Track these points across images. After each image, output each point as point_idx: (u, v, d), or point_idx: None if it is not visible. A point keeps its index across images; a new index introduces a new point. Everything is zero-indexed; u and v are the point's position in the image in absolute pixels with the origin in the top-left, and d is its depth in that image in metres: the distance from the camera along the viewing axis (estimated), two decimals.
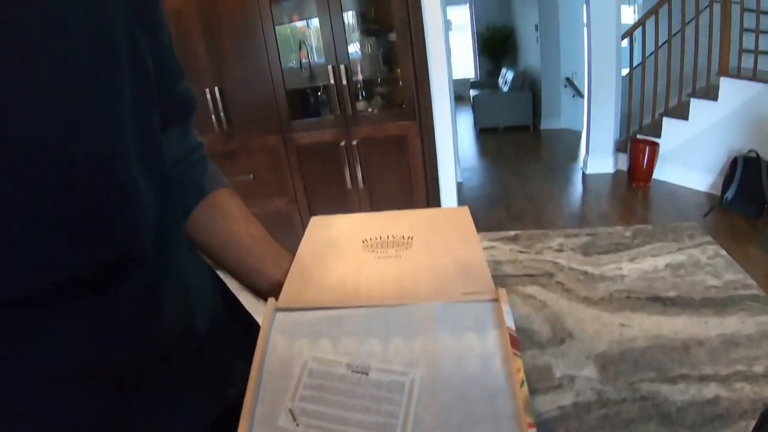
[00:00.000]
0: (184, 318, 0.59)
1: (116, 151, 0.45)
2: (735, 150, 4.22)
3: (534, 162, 5.98)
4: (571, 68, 7.45)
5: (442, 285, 0.59)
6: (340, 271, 0.64)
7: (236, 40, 2.93)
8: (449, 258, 0.64)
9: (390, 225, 0.73)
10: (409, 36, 2.84)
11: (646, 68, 4.91)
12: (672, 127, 4.67)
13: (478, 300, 0.54)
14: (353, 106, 3.02)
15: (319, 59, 3.23)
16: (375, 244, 0.69)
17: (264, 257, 0.70)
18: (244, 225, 0.72)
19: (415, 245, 0.67)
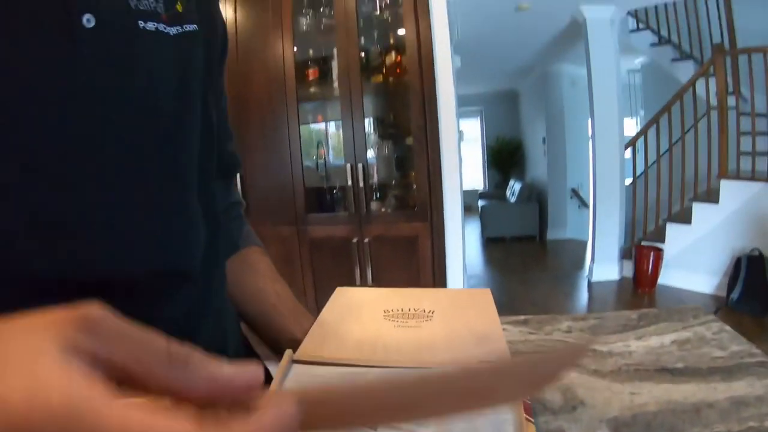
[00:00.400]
0: (218, 350, 0.63)
1: (186, 172, 0.54)
2: (738, 250, 4.29)
3: (540, 271, 6.03)
4: (577, 180, 7.67)
5: (459, 353, 0.60)
6: (359, 333, 0.66)
7: (262, 132, 3.11)
8: (467, 330, 0.67)
9: (412, 299, 0.76)
10: (425, 141, 2.99)
11: (649, 177, 5.07)
12: (675, 232, 4.77)
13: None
14: (368, 206, 3.12)
15: (335, 160, 3.39)
16: (396, 314, 0.71)
17: (287, 314, 0.75)
18: (270, 282, 0.77)
19: (435, 318, 0.69)
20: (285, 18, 3.10)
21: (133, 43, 0.49)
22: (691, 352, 0.83)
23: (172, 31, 0.53)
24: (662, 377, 0.76)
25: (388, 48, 3.24)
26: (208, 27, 0.62)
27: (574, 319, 1.06)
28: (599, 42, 4.98)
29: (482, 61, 7.46)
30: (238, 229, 0.81)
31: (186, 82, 0.55)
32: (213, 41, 0.64)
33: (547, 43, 6.41)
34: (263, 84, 3.13)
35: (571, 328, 1.01)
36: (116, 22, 0.47)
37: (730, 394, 0.70)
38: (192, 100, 0.57)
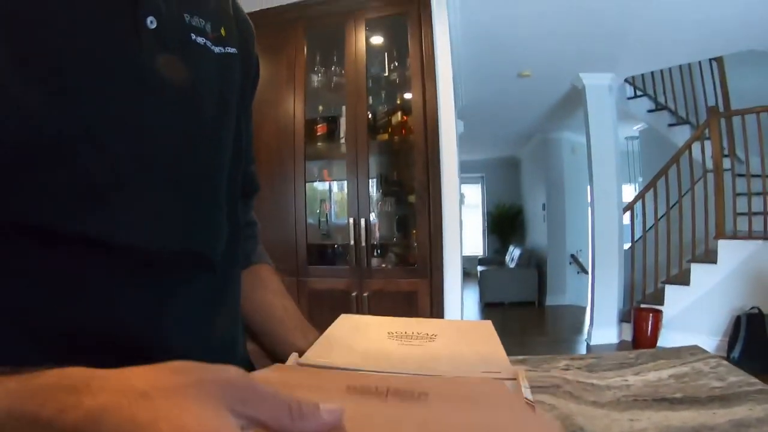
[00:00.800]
0: (231, 344, 0.66)
1: (218, 173, 0.61)
2: (737, 309, 4.29)
3: (538, 335, 5.99)
4: (576, 245, 7.70)
5: (462, 366, 0.61)
6: (365, 345, 0.67)
7: (269, 182, 3.16)
8: (470, 350, 0.68)
9: (415, 325, 0.76)
10: (428, 198, 3.04)
11: (647, 240, 5.11)
12: (674, 294, 4.76)
13: (497, 378, 0.57)
14: (368, 261, 3.14)
15: (338, 220, 3.45)
16: (400, 335, 0.72)
17: (293, 328, 0.77)
18: (279, 297, 0.80)
19: (438, 340, 0.70)
20: (298, 74, 3.22)
21: (185, 49, 0.57)
22: (689, 384, 0.84)
23: (216, 49, 0.61)
24: (661, 406, 0.77)
25: (395, 108, 3.34)
26: (245, 56, 0.70)
27: (572, 358, 1.06)
28: (598, 108, 5.12)
29: (484, 127, 7.63)
30: (252, 247, 0.84)
31: (225, 95, 0.63)
32: (248, 69, 0.72)
33: (548, 110, 6.58)
34: (273, 135, 3.21)
35: (568, 366, 1.02)
36: (173, 29, 0.55)
37: (730, 418, 0.70)
38: (229, 111, 0.64)
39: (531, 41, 4.25)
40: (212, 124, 0.60)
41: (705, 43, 4.36)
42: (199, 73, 0.58)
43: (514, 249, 9.54)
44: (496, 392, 0.53)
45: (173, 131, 0.55)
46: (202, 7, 0.60)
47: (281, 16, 3.25)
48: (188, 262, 0.57)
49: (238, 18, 0.71)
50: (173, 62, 0.55)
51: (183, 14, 0.57)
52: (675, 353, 0.99)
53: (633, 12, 3.67)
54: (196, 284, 0.59)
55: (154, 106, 0.52)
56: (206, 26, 0.60)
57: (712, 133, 4.67)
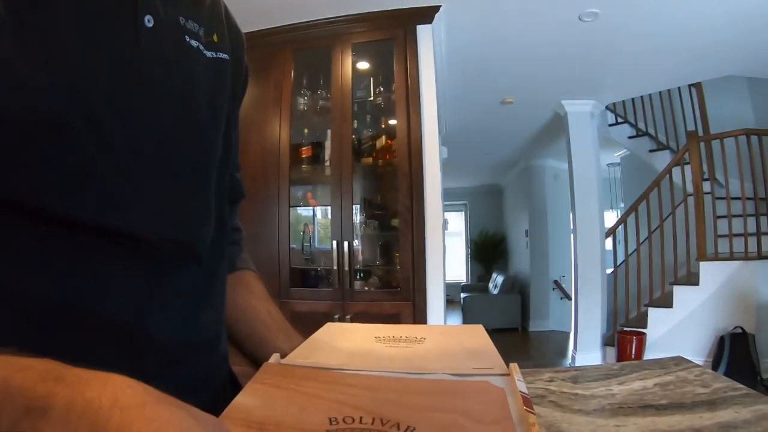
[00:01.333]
0: (215, 340, 0.66)
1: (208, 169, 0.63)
2: (721, 329, 4.32)
3: (522, 360, 5.94)
4: (559, 271, 7.74)
5: (452, 363, 0.59)
6: (351, 347, 0.66)
7: (253, 203, 3.15)
8: (460, 348, 0.66)
9: (404, 330, 0.75)
10: (411, 221, 3.05)
11: (630, 264, 5.15)
12: (657, 317, 4.78)
13: (490, 374, 0.55)
14: (351, 283, 3.13)
15: (321, 245, 3.45)
16: (387, 339, 0.70)
17: (277, 332, 0.76)
18: (263, 301, 0.80)
19: (426, 342, 0.69)
20: (285, 96, 3.25)
21: (180, 50, 0.59)
22: (675, 391, 0.84)
23: (208, 54, 0.64)
24: (646, 412, 0.77)
25: (380, 132, 3.37)
26: (236, 62, 0.72)
27: (556, 371, 1.06)
28: (580, 135, 5.19)
29: (468, 154, 7.69)
30: (237, 253, 0.85)
31: (216, 96, 0.65)
32: (238, 75, 0.74)
33: (531, 136, 6.66)
34: (258, 157, 3.22)
35: (553, 378, 1.02)
36: (169, 30, 0.57)
37: (717, 421, 0.71)
38: (219, 113, 0.66)
39: (514, 68, 4.31)
40: (204, 123, 0.62)
41: (684, 69, 4.46)
42: (192, 73, 0.60)
43: (497, 275, 9.56)
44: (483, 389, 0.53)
45: (168, 125, 0.56)
46: (197, 12, 0.62)
47: (269, 38, 3.28)
48: (177, 252, 0.58)
49: (230, 25, 0.73)
50: (169, 61, 0.56)
51: (179, 17, 0.59)
52: (659, 363, 1.00)
53: (613, 40, 3.75)
54: (184, 275, 0.60)
55: (152, 99, 0.54)
56: (200, 31, 0.62)
57: (692, 158, 4.76)
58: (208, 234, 0.63)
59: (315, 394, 0.49)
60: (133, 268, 0.53)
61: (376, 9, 3.18)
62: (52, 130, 0.45)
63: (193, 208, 0.61)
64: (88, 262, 0.49)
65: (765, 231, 4.55)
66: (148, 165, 0.53)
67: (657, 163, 5.81)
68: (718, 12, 3.34)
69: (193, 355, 0.61)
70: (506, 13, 3.34)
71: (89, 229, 0.48)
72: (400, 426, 0.43)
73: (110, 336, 0.51)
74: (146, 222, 0.53)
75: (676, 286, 4.73)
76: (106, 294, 0.50)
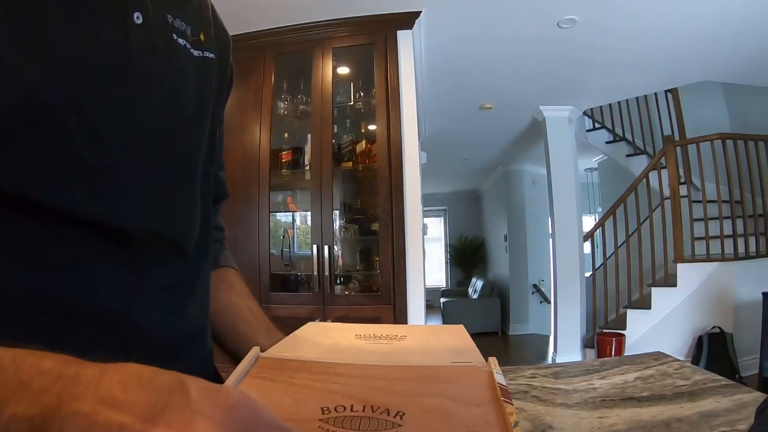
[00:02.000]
0: (200, 335, 0.66)
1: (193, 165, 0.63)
2: (699, 329, 4.39)
3: (503, 363, 5.84)
4: (538, 275, 7.80)
5: (432, 358, 0.60)
6: (330, 344, 0.65)
7: (233, 208, 3.13)
8: (441, 345, 0.66)
9: (385, 329, 0.75)
10: (391, 225, 3.05)
11: (608, 267, 5.21)
12: (636, 318, 4.84)
13: (467, 366, 0.55)
14: (331, 287, 3.13)
15: (300, 251, 3.44)
16: (368, 336, 0.70)
17: (257, 328, 0.77)
18: (244, 298, 0.80)
19: (407, 339, 0.69)
20: (265, 100, 3.24)
21: (168, 47, 0.60)
22: (656, 384, 0.86)
23: (195, 52, 0.64)
24: (628, 404, 0.78)
25: (360, 136, 3.37)
26: (222, 62, 0.73)
27: (537, 368, 1.08)
28: (558, 140, 5.24)
29: (447, 159, 7.73)
30: (219, 250, 0.85)
31: (202, 94, 0.66)
32: (223, 75, 0.75)
33: (509, 142, 6.71)
34: (239, 161, 3.20)
35: (534, 375, 1.03)
36: (158, 26, 0.58)
37: (698, 411, 0.72)
38: (205, 110, 0.67)
39: (493, 74, 4.35)
40: (190, 120, 0.63)
41: (660, 75, 4.54)
42: (180, 71, 0.61)
43: (476, 280, 9.60)
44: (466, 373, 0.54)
45: (156, 120, 0.57)
46: (185, 11, 0.63)
47: (250, 42, 3.27)
48: (164, 246, 0.58)
49: (217, 25, 0.73)
50: (157, 57, 0.57)
51: (167, 15, 0.60)
52: (639, 359, 1.01)
53: (591, 47, 3.81)
54: (171, 270, 0.60)
55: (140, 94, 0.55)
56: (187, 29, 0.63)
57: (669, 162, 4.84)
58: (194, 230, 0.63)
59: (307, 384, 0.50)
60: (121, 262, 0.53)
61: (358, 14, 3.19)
62: (42, 122, 0.45)
63: (180, 204, 0.61)
64: (77, 255, 0.49)
65: (741, 233, 4.65)
66: (136, 159, 0.54)
67: (634, 167, 5.90)
68: (694, 21, 3.41)
69: (180, 349, 0.61)
70: (486, 19, 3.38)
71: (78, 222, 0.48)
72: (390, 411, 0.44)
73: (98, 329, 0.51)
74: (135, 215, 0.53)
75: (654, 287, 4.79)
76: (94, 287, 0.50)
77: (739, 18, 3.38)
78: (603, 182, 7.56)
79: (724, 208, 4.65)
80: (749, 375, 4.21)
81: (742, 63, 4.20)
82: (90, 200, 0.49)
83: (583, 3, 3.19)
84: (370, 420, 0.44)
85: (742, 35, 3.64)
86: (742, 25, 3.48)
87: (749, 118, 5.32)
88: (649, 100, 5.90)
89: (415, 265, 3.15)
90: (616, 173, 6.50)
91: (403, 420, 0.44)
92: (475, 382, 0.51)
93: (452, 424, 0.44)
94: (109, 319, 0.51)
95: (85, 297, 0.49)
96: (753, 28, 3.51)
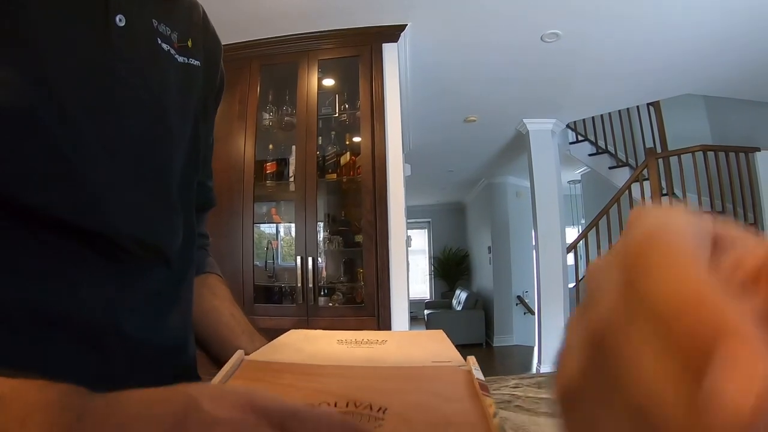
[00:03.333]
0: (183, 344, 0.66)
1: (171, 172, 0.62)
2: None
3: (487, 374, 5.85)
4: (522, 287, 7.82)
5: (413, 359, 0.61)
6: (312, 350, 0.66)
7: (217, 219, 3.11)
8: (422, 350, 0.67)
9: (366, 335, 0.77)
10: (375, 236, 3.05)
11: None
12: None
13: (448, 365, 0.56)
14: (315, 299, 3.12)
15: (284, 262, 3.43)
16: (349, 342, 0.70)
17: (240, 333, 0.78)
18: (227, 304, 0.80)
19: (388, 344, 0.70)
20: (250, 111, 3.24)
21: (152, 51, 0.60)
22: None
23: (180, 58, 0.64)
24: None
25: (344, 148, 3.38)
26: (209, 70, 0.73)
27: (521, 378, 1.08)
28: (541, 152, 5.29)
29: (431, 172, 7.76)
30: (203, 257, 0.85)
31: (184, 100, 0.66)
32: (211, 82, 0.75)
33: (493, 154, 6.75)
34: (223, 171, 3.18)
35: (518, 384, 1.03)
36: (141, 30, 0.59)
37: None
38: (187, 117, 0.66)
39: (477, 87, 4.39)
40: (172, 126, 0.63)
41: (642, 89, 4.61)
42: (162, 75, 0.61)
43: (460, 292, 9.61)
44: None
45: (137, 124, 0.57)
46: (171, 17, 0.63)
47: (236, 52, 3.28)
48: (147, 254, 0.58)
49: (207, 32, 0.74)
50: (140, 60, 0.57)
51: (151, 20, 0.60)
52: None
53: (574, 61, 3.86)
54: (154, 278, 0.60)
55: (121, 96, 0.55)
56: (172, 35, 0.63)
57: (651, 174, 4.90)
58: (176, 237, 0.63)
59: (291, 384, 0.51)
60: (104, 269, 0.53)
61: (343, 27, 3.22)
62: (24, 124, 0.45)
63: (161, 211, 0.61)
64: (59, 263, 0.49)
65: None
66: (118, 162, 0.54)
67: (617, 179, 5.96)
68: (675, 35, 3.48)
69: (163, 357, 0.61)
70: (470, 33, 3.41)
71: (60, 229, 0.48)
72: (372, 407, 0.46)
73: (81, 337, 0.50)
74: (116, 221, 0.53)
75: None
76: (77, 295, 0.50)
77: (719, 32, 3.45)
78: (586, 194, 7.63)
79: None
80: None
81: (722, 76, 4.28)
82: (71, 204, 0.49)
83: (566, 18, 3.23)
84: (353, 415, 0.45)
85: (722, 49, 3.71)
86: (723, 40, 3.55)
87: (730, 130, 5.41)
88: (632, 113, 5.98)
89: (398, 277, 3.15)
90: (599, 185, 6.56)
91: (386, 414, 0.45)
92: (454, 380, 0.52)
93: (433, 418, 0.45)
94: (92, 327, 0.51)
95: (67, 305, 0.49)
96: (733, 42, 3.58)
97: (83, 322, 0.50)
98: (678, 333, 0.14)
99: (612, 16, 3.22)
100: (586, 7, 3.10)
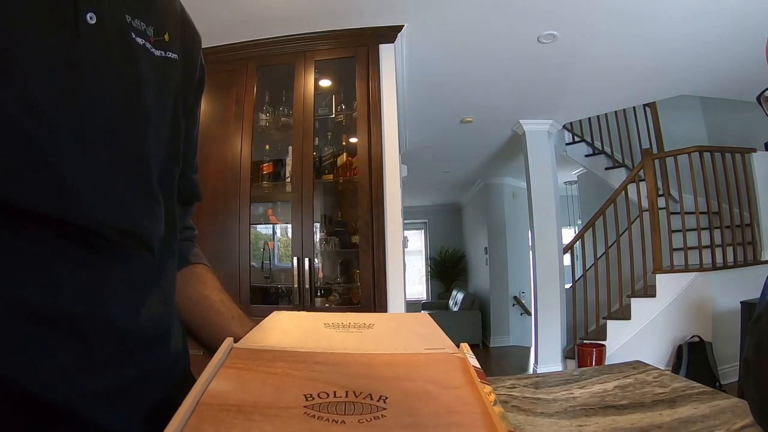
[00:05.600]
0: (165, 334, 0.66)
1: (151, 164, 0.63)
2: (678, 339, 4.45)
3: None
4: (518, 288, 7.83)
5: (405, 345, 0.60)
6: (301, 333, 0.66)
7: (213, 221, 3.12)
8: (411, 332, 0.68)
9: (352, 318, 0.75)
10: (372, 237, 3.05)
11: (588, 279, 5.26)
12: (616, 329, 4.89)
13: (442, 352, 0.57)
14: (312, 300, 3.11)
15: (281, 263, 3.42)
16: (336, 325, 0.70)
17: (230, 318, 0.77)
18: (216, 292, 0.81)
19: (376, 327, 0.69)
20: (247, 112, 3.23)
21: (125, 46, 0.59)
22: (634, 392, 0.87)
23: (156, 52, 0.64)
24: (607, 412, 0.79)
25: (341, 149, 3.38)
26: (188, 63, 0.73)
27: (517, 378, 1.08)
28: (538, 153, 5.31)
29: (428, 173, 7.76)
30: (189, 248, 0.86)
31: (162, 93, 0.65)
32: (190, 75, 0.75)
33: (490, 155, 6.76)
34: (219, 173, 3.19)
35: (514, 385, 1.04)
36: (113, 26, 0.58)
37: (677, 417, 0.73)
38: (165, 109, 0.66)
39: (474, 88, 4.40)
40: (149, 118, 0.62)
41: (639, 89, 4.63)
42: (138, 70, 0.61)
43: (457, 293, 9.61)
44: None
45: (113, 117, 0.57)
46: (146, 11, 0.63)
47: (233, 53, 3.27)
48: (127, 243, 0.58)
49: (186, 24, 0.74)
50: (113, 56, 0.57)
51: (125, 15, 0.60)
52: (618, 368, 1.02)
53: (571, 61, 3.87)
54: (135, 267, 0.60)
55: (94, 91, 0.54)
56: (148, 30, 0.63)
57: (647, 174, 4.92)
58: (157, 227, 0.63)
59: (286, 373, 0.51)
60: (83, 258, 0.53)
61: (340, 27, 3.21)
62: None
63: (141, 200, 0.61)
64: (37, 254, 0.49)
65: (719, 243, 4.74)
66: (93, 153, 0.54)
67: (613, 180, 5.98)
68: (671, 37, 3.49)
69: (145, 347, 0.61)
70: (467, 34, 3.41)
71: (38, 219, 0.48)
72: (372, 396, 0.46)
73: (62, 327, 0.50)
74: (93, 210, 0.53)
75: (634, 298, 4.85)
76: (57, 285, 0.50)
77: (715, 34, 3.46)
78: (582, 195, 7.64)
79: (701, 219, 4.75)
80: (729, 383, 4.26)
81: (718, 77, 4.30)
82: (46, 195, 0.49)
83: (562, 19, 3.24)
84: (354, 405, 0.45)
85: (718, 50, 3.73)
86: (719, 41, 3.56)
87: (726, 131, 5.43)
88: (628, 114, 6.00)
89: (395, 278, 3.15)
90: (596, 186, 6.57)
91: (387, 403, 0.45)
92: (450, 367, 0.53)
93: (434, 406, 0.45)
94: (72, 317, 0.51)
95: (46, 296, 0.49)
96: (729, 43, 3.60)
97: (63, 313, 0.50)
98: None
99: (608, 18, 3.23)
100: (583, 8, 3.11)
